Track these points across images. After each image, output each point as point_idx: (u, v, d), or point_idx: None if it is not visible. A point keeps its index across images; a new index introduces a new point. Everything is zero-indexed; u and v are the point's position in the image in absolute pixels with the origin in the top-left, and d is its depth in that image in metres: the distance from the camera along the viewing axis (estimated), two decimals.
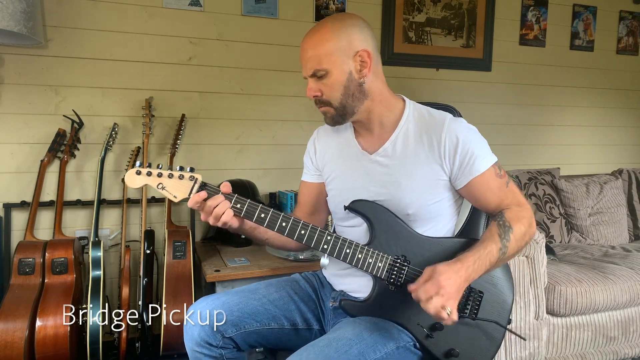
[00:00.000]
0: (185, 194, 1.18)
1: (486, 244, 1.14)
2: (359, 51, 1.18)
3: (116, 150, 2.38)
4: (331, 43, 1.16)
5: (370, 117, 1.26)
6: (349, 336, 1.10)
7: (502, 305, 1.22)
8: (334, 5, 2.72)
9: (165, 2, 2.40)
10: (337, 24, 1.18)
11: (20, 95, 2.22)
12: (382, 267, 1.19)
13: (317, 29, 1.20)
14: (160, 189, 1.18)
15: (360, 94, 1.21)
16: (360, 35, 1.18)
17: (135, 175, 1.18)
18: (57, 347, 1.85)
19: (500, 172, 1.23)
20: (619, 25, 3.48)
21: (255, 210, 1.18)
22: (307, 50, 1.19)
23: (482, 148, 1.22)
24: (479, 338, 1.20)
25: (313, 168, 1.42)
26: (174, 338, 2.02)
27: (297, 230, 1.19)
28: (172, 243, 2.13)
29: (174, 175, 1.18)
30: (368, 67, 1.19)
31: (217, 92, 2.55)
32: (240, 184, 2.41)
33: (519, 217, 1.19)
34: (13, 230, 2.23)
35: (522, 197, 1.25)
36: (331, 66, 1.17)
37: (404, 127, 1.25)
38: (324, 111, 1.24)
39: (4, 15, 1.83)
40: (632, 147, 3.68)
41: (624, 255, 2.51)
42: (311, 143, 1.43)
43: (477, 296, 1.19)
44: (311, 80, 1.21)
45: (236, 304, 1.27)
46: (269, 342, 1.32)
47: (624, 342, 2.27)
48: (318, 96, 1.21)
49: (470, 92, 3.11)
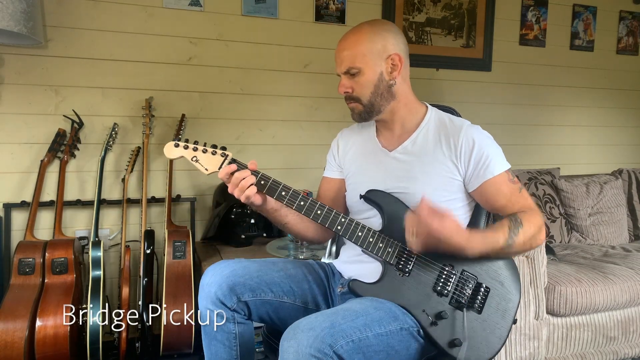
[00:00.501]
0: (216, 167, 1.27)
1: (495, 232, 1.20)
2: (392, 54, 1.27)
3: (116, 150, 2.38)
4: (367, 44, 1.25)
5: (393, 118, 1.34)
6: (355, 308, 1.14)
7: (508, 304, 1.25)
8: (334, 5, 2.72)
9: (165, 2, 2.40)
10: (375, 28, 1.28)
11: (20, 95, 2.22)
12: (392, 252, 1.24)
13: (355, 31, 1.29)
14: (194, 161, 1.27)
15: (389, 94, 1.30)
16: (394, 40, 1.28)
17: (174, 147, 1.28)
18: (57, 347, 1.85)
19: (514, 179, 1.28)
20: (619, 25, 3.48)
21: (278, 187, 1.27)
22: (344, 49, 1.27)
23: (497, 153, 1.27)
24: (484, 332, 1.22)
25: (335, 165, 1.48)
26: (174, 338, 2.02)
27: (314, 210, 1.25)
28: (172, 243, 2.13)
29: (207, 150, 1.28)
30: (398, 70, 1.28)
31: (217, 92, 2.55)
32: None
33: (531, 220, 1.23)
34: (13, 230, 2.23)
35: (533, 204, 1.28)
36: (364, 65, 1.25)
37: (424, 129, 1.32)
38: (353, 107, 1.32)
39: (4, 15, 1.83)
40: (632, 147, 3.68)
41: (624, 255, 2.51)
42: (334, 142, 1.51)
43: (484, 291, 1.23)
44: (344, 77, 1.29)
45: (256, 270, 1.31)
46: (278, 316, 1.34)
47: (624, 342, 2.27)
48: (349, 92, 1.29)
49: (470, 92, 3.11)
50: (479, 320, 1.22)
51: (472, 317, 1.22)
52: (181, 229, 2.23)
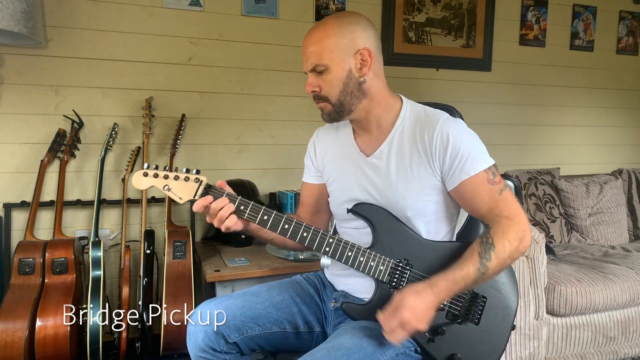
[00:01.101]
0: (190, 195, 1.19)
1: (464, 265, 1.11)
2: (360, 49, 1.18)
3: (116, 150, 2.38)
4: (333, 39, 1.16)
5: (368, 118, 1.26)
6: (348, 345, 1.09)
7: (505, 311, 1.21)
8: (334, 5, 2.72)
9: (165, 2, 2.40)
10: (341, 21, 1.18)
11: (20, 95, 2.22)
12: (384, 270, 1.19)
13: (320, 25, 1.20)
14: (166, 190, 1.20)
15: (359, 92, 1.21)
16: (362, 34, 1.18)
17: (142, 177, 1.20)
18: (57, 347, 1.85)
19: (495, 179, 1.17)
20: (619, 25, 3.48)
21: (259, 212, 1.19)
22: (309, 45, 1.19)
23: (475, 150, 1.17)
24: (482, 343, 1.19)
25: (314, 169, 1.42)
26: (174, 338, 2.02)
27: (299, 233, 1.19)
28: (172, 243, 2.13)
29: (179, 177, 1.19)
30: (368, 66, 1.19)
31: (217, 92, 2.55)
32: (240, 184, 2.41)
33: (505, 234, 1.12)
34: (13, 230, 2.23)
35: (515, 208, 1.16)
36: (331, 62, 1.17)
37: (399, 128, 1.24)
38: (322, 107, 1.24)
39: (4, 15, 1.83)
40: (632, 147, 3.68)
41: (624, 255, 2.51)
42: (311, 144, 1.44)
43: (480, 301, 1.19)
44: (311, 75, 1.21)
45: (239, 308, 1.27)
46: (271, 345, 1.32)
47: (624, 342, 2.27)
48: (316, 91, 1.21)
49: (470, 92, 3.11)
50: (477, 331, 1.19)
51: (469, 328, 1.19)
52: (181, 229, 2.23)
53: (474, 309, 1.18)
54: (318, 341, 1.33)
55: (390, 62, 2.84)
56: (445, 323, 1.18)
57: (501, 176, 1.20)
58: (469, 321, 1.18)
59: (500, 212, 1.16)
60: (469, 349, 1.18)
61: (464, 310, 1.18)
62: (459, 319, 1.18)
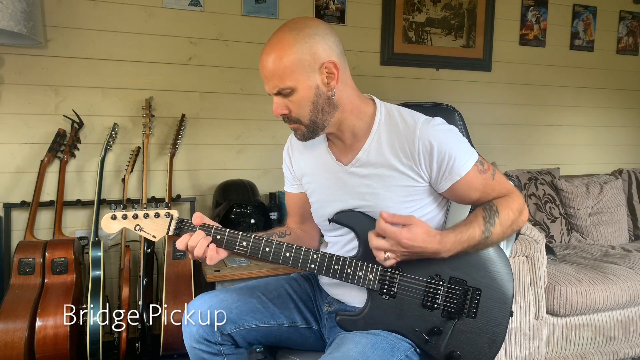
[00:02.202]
0: (163, 232, 1.17)
1: (469, 225, 1.12)
2: (325, 63, 1.10)
3: (116, 150, 2.38)
4: (292, 58, 1.08)
5: (341, 129, 1.20)
6: (352, 355, 1.07)
7: (502, 299, 1.20)
8: (334, 5, 2.72)
9: (165, 2, 2.40)
10: (298, 35, 1.09)
11: (20, 95, 2.22)
12: (373, 278, 1.17)
13: (275, 42, 1.11)
14: (138, 230, 1.17)
15: (330, 107, 1.15)
16: (323, 45, 1.10)
17: (111, 221, 1.17)
18: (57, 347, 1.85)
19: (484, 167, 1.18)
20: (619, 25, 3.48)
21: (236, 239, 1.16)
22: (267, 66, 1.11)
23: (460, 149, 1.16)
24: (480, 339, 1.19)
25: (292, 178, 1.39)
26: (174, 338, 2.02)
27: (281, 254, 1.16)
28: (172, 243, 2.13)
29: (149, 214, 1.17)
30: (336, 79, 1.12)
31: (217, 92, 2.55)
32: (240, 184, 2.41)
33: (508, 204, 1.16)
34: (13, 230, 2.23)
35: (510, 186, 1.21)
36: (295, 83, 1.10)
37: (375, 135, 1.20)
38: (294, 128, 1.19)
39: (4, 15, 1.83)
40: (632, 147, 3.68)
41: (624, 255, 2.51)
42: (286, 152, 1.39)
43: (475, 295, 1.18)
44: (276, 97, 1.14)
45: (235, 302, 1.27)
46: (268, 339, 1.31)
47: (624, 342, 2.27)
48: (286, 114, 1.15)
49: (470, 92, 3.11)
50: (474, 324, 1.18)
51: (467, 322, 1.18)
52: None
53: (469, 304, 1.17)
54: (316, 338, 1.33)
55: (390, 62, 2.84)
56: (442, 321, 1.17)
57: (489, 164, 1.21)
58: (465, 316, 1.17)
59: (498, 193, 1.19)
60: (468, 343, 1.18)
61: (458, 307, 1.17)
62: (455, 316, 1.17)
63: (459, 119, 1.42)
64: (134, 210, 1.17)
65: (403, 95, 2.83)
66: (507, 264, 1.23)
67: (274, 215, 2.44)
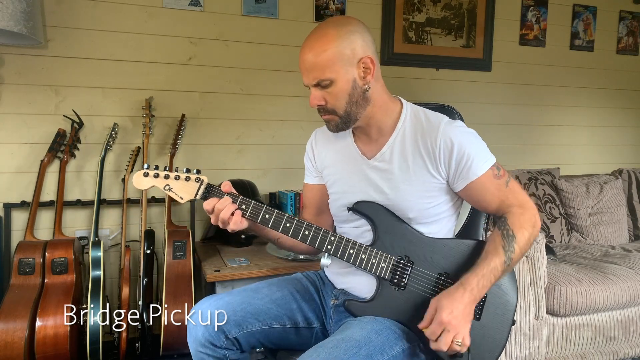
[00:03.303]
0: (191, 195, 1.20)
1: (490, 260, 1.15)
2: (363, 58, 1.16)
3: (116, 150, 2.38)
4: (334, 51, 1.14)
5: (369, 123, 1.25)
6: (357, 337, 1.10)
7: (505, 306, 1.23)
8: (334, 5, 2.72)
9: (165, 2, 2.40)
10: (340, 31, 1.15)
11: (20, 95, 2.22)
12: (386, 267, 1.21)
13: (318, 36, 1.16)
14: (167, 190, 1.20)
15: (364, 100, 1.21)
16: (362, 42, 1.17)
17: (143, 177, 1.20)
18: (57, 347, 1.85)
19: (499, 172, 1.23)
20: (619, 25, 3.48)
21: (260, 211, 1.20)
22: (308, 58, 1.15)
23: (479, 151, 1.21)
24: (484, 338, 1.21)
25: (314, 170, 1.42)
26: (174, 338, 2.02)
27: (301, 231, 1.20)
28: (172, 243, 2.13)
29: (180, 177, 1.20)
30: (371, 74, 1.19)
31: (217, 92, 2.55)
32: (240, 184, 2.41)
33: (521, 223, 1.19)
34: (13, 230, 2.22)
35: (523, 195, 1.24)
36: (335, 75, 1.15)
37: (400, 131, 1.25)
38: (328, 119, 1.24)
39: (4, 15, 1.83)
40: (632, 147, 3.68)
41: (624, 255, 2.51)
42: (309, 146, 1.43)
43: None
44: (314, 89, 1.19)
45: (239, 304, 1.28)
46: (271, 341, 1.32)
47: (624, 342, 2.27)
48: (322, 105, 1.20)
49: (470, 92, 3.11)
50: (478, 326, 1.20)
51: (471, 324, 1.18)
52: (181, 229, 2.23)
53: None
54: (317, 338, 1.34)
55: (390, 62, 2.84)
56: None
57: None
58: None
59: (512, 202, 1.22)
60: (473, 342, 1.18)
61: None
62: None
63: (459, 119, 1.42)
64: (165, 171, 1.20)
65: (403, 95, 2.78)
66: (512, 273, 1.26)
67: None
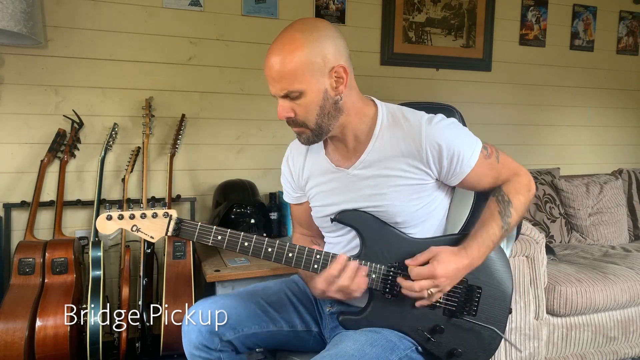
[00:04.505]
0: (161, 232, 1.14)
1: (487, 226, 1.15)
2: (335, 67, 1.09)
3: (116, 150, 2.37)
4: (303, 60, 1.05)
5: (344, 132, 1.20)
6: (350, 352, 1.07)
7: (501, 297, 1.22)
8: (334, 5, 2.72)
9: (165, 2, 2.40)
10: (309, 37, 1.06)
11: (20, 95, 2.22)
12: (376, 278, 1.17)
13: (284, 42, 1.07)
14: (135, 231, 1.14)
15: (336, 111, 1.14)
16: (334, 49, 1.08)
17: (106, 221, 1.13)
18: (57, 347, 1.85)
19: (488, 152, 1.20)
20: (619, 25, 3.48)
21: (238, 239, 1.15)
22: (275, 67, 1.06)
23: (465, 142, 1.17)
24: (481, 335, 1.20)
25: (293, 190, 1.38)
26: (174, 338, 2.02)
27: (284, 254, 1.16)
28: (172, 243, 2.13)
29: (146, 214, 1.14)
30: (344, 84, 1.11)
31: (217, 92, 2.55)
32: (240, 184, 2.41)
33: (517, 188, 1.20)
34: (13, 230, 2.22)
35: (515, 164, 1.24)
36: (305, 86, 1.07)
37: (379, 137, 1.19)
38: (299, 132, 1.17)
39: (4, 15, 1.83)
40: (632, 147, 3.68)
41: (624, 255, 2.51)
42: (285, 165, 1.38)
43: (475, 293, 1.19)
44: (282, 100, 1.11)
45: (234, 307, 1.26)
46: (267, 344, 1.31)
47: (624, 342, 2.27)
48: (292, 117, 1.13)
49: (470, 92, 3.11)
50: (474, 322, 1.20)
51: (467, 320, 1.19)
52: None
53: (470, 303, 1.19)
54: (316, 341, 1.33)
55: (390, 62, 2.84)
56: (443, 320, 1.19)
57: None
58: (466, 314, 1.19)
59: (506, 176, 1.22)
60: (469, 340, 1.19)
61: (460, 305, 1.19)
62: (456, 314, 1.18)
63: (459, 119, 1.42)
64: (130, 210, 1.16)
65: (403, 95, 2.83)
66: (506, 262, 1.25)
67: (274, 215, 2.44)
